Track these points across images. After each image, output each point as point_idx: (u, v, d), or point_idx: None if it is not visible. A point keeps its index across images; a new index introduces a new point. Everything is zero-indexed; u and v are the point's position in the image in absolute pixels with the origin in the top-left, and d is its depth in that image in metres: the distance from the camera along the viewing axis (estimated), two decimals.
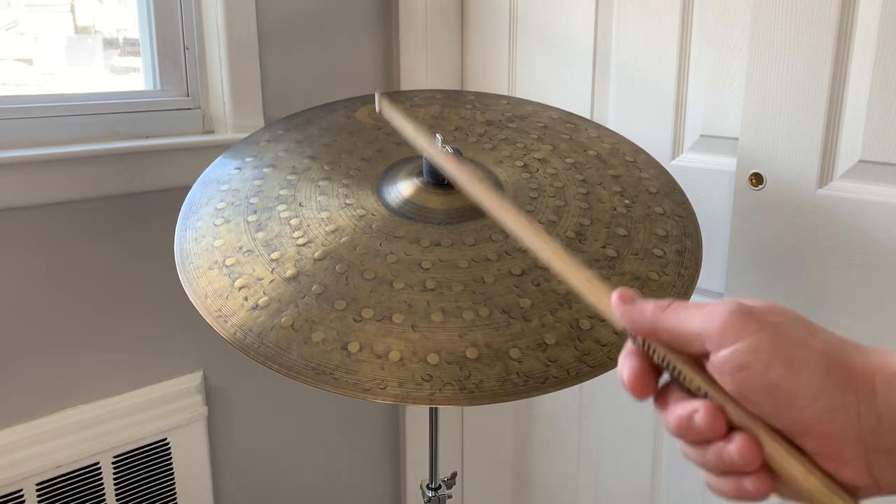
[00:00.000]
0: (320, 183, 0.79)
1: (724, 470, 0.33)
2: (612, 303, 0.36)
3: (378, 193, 0.78)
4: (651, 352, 0.35)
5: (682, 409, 0.33)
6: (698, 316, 0.33)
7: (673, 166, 1.04)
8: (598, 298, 0.38)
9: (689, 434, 0.33)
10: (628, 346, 0.37)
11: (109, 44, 1.10)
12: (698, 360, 0.34)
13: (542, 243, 0.40)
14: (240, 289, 0.67)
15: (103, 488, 1.05)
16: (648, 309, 0.35)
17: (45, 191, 0.96)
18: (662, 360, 0.35)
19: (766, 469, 0.32)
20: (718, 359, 0.32)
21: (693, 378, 0.33)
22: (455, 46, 1.32)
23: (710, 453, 0.33)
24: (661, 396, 0.36)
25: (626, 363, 0.36)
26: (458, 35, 1.32)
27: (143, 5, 1.08)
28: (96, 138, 1.03)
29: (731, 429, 0.32)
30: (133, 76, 1.12)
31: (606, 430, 1.20)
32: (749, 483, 0.32)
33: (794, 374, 0.30)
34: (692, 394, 0.34)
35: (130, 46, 1.11)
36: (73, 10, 1.06)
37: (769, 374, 0.31)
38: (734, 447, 0.32)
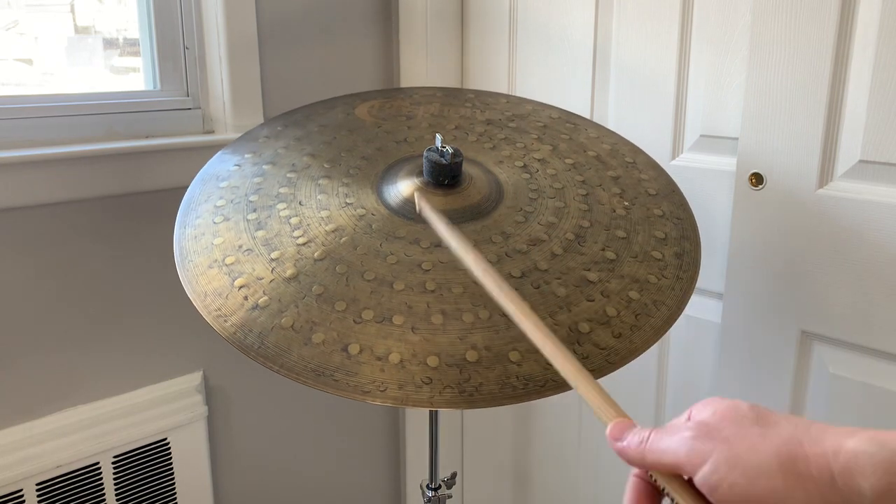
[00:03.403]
0: (320, 181, 0.79)
1: None
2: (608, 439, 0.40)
3: (378, 193, 0.77)
4: (652, 478, 0.38)
5: None
6: (671, 448, 0.36)
7: (673, 166, 1.04)
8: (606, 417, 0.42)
9: None
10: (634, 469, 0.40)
11: (109, 44, 1.10)
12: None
13: (573, 369, 0.44)
14: (239, 288, 0.67)
15: (103, 488, 1.05)
16: (634, 445, 0.38)
17: (45, 191, 0.95)
18: (661, 486, 0.38)
19: None
20: (697, 484, 0.35)
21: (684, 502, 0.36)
22: (455, 46, 1.32)
23: None
24: None
25: (626, 491, 0.39)
26: (458, 35, 1.32)
27: (143, 5, 1.08)
28: (96, 138, 1.03)
29: None
30: (133, 76, 1.12)
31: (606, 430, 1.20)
32: None
33: (754, 483, 0.33)
34: None
35: (130, 46, 1.11)
36: (73, 10, 1.06)
37: (735, 490, 0.33)
38: None
